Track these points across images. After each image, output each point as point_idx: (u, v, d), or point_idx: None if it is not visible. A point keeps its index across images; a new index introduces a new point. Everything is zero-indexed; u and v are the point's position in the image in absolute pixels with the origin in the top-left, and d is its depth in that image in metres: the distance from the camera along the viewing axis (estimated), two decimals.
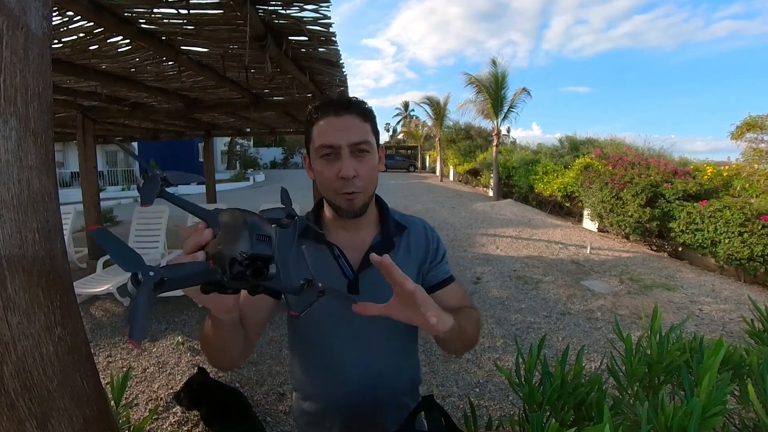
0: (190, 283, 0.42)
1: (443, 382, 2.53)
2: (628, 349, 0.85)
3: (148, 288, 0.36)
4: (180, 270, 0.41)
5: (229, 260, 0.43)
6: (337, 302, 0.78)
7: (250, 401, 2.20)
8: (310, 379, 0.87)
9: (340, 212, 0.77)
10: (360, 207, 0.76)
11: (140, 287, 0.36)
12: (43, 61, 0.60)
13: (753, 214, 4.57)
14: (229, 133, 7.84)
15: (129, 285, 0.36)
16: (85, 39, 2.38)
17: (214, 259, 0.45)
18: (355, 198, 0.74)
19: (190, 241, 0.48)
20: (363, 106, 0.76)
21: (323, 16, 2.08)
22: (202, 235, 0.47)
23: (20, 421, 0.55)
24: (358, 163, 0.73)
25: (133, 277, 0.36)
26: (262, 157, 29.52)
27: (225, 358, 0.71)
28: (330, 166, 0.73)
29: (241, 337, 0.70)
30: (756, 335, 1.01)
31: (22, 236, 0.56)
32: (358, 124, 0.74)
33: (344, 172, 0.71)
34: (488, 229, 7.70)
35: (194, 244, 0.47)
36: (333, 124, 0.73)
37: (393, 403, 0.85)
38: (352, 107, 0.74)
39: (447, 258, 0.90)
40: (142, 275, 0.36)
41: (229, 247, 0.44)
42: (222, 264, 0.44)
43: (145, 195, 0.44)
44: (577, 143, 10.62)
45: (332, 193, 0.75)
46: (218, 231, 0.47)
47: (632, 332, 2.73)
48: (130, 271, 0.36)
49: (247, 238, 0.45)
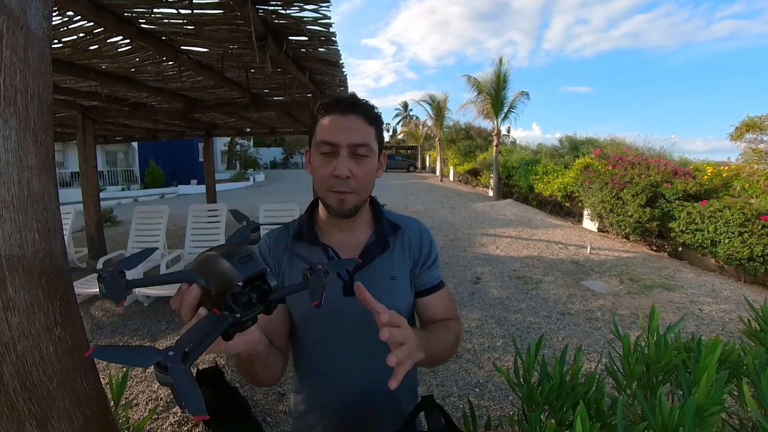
0: (212, 339, 0.41)
1: (443, 382, 2.53)
2: (626, 348, 0.85)
3: (176, 366, 0.36)
4: (194, 334, 0.40)
5: (231, 296, 0.42)
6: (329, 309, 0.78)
7: (249, 401, 2.21)
8: (307, 381, 0.87)
9: (330, 211, 0.77)
10: (350, 208, 0.75)
11: (171, 370, 0.35)
12: (43, 61, 0.61)
13: (753, 215, 4.57)
14: (229, 133, 7.84)
15: (159, 376, 0.36)
16: (85, 39, 2.38)
17: (216, 305, 0.44)
18: (346, 198, 0.74)
19: (184, 306, 0.47)
20: (370, 110, 0.76)
21: (323, 16, 2.08)
22: (191, 294, 0.46)
23: (20, 421, 0.55)
24: (355, 164, 0.73)
25: (158, 367, 0.35)
26: (262, 157, 29.53)
27: (269, 376, 0.72)
28: (327, 163, 0.73)
29: (276, 354, 0.72)
30: (753, 335, 1.01)
31: (22, 236, 0.56)
32: (361, 126, 0.74)
33: (338, 170, 0.71)
34: (488, 229, 7.70)
35: (189, 307, 0.46)
36: (337, 122, 0.73)
37: (390, 407, 0.85)
38: (359, 109, 0.74)
39: (439, 263, 0.89)
40: (163, 360, 0.36)
41: (221, 285, 0.43)
42: (226, 304, 0.43)
43: (115, 294, 0.41)
44: (577, 143, 10.62)
45: (324, 190, 0.75)
46: (202, 282, 0.46)
47: (632, 332, 2.73)
48: (149, 365, 0.36)
49: (232, 267, 0.43)
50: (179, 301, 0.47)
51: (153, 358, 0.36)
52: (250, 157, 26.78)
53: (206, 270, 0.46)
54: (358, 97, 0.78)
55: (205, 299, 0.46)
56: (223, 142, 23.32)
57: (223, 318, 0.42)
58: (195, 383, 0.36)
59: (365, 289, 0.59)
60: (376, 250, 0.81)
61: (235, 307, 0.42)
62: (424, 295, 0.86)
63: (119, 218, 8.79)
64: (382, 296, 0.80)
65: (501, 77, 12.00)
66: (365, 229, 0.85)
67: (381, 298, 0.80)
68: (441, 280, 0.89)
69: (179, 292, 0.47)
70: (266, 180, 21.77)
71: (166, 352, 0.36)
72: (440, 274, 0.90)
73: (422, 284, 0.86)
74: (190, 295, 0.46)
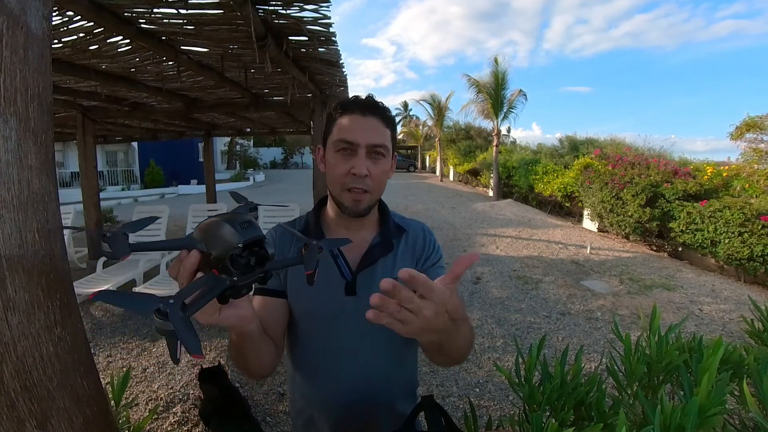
0: (209, 297, 0.42)
1: (443, 382, 2.53)
2: (627, 348, 0.85)
3: (176, 312, 0.37)
4: (193, 288, 0.41)
5: (229, 258, 0.43)
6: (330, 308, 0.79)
7: (249, 401, 2.21)
8: (304, 380, 0.87)
9: (343, 209, 0.78)
10: (365, 207, 0.77)
11: (171, 315, 0.37)
12: (43, 61, 0.60)
13: (753, 214, 4.57)
14: (229, 133, 7.84)
15: (157, 321, 0.37)
16: (85, 39, 2.37)
17: (216, 267, 0.45)
18: (362, 197, 0.76)
19: (182, 272, 0.47)
20: (388, 113, 0.79)
21: (323, 16, 2.08)
22: (190, 260, 0.46)
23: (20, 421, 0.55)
24: (372, 164, 0.75)
25: (157, 313, 0.37)
26: (262, 157, 29.54)
27: (261, 364, 0.71)
28: (344, 161, 0.75)
29: (269, 343, 0.72)
30: (756, 335, 1.01)
31: (22, 236, 0.56)
32: (380, 127, 0.76)
33: (357, 169, 0.73)
34: (488, 229, 7.70)
35: (188, 272, 0.47)
36: (357, 122, 0.75)
37: (387, 407, 0.85)
38: (378, 110, 0.77)
39: (443, 263, 0.89)
40: (164, 307, 0.37)
41: (221, 247, 0.44)
42: (225, 267, 0.44)
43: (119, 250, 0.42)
44: (577, 143, 10.62)
45: (339, 188, 0.77)
46: (202, 246, 0.46)
47: (632, 332, 2.73)
48: (150, 311, 0.37)
49: (233, 231, 0.45)
50: (178, 268, 0.47)
51: (153, 305, 0.37)
52: (250, 157, 26.79)
53: (208, 234, 0.47)
54: (375, 99, 0.80)
55: (204, 265, 0.47)
56: (223, 142, 23.33)
57: (221, 279, 0.43)
58: (193, 328, 0.37)
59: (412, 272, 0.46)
60: (380, 251, 0.82)
61: (234, 270, 0.43)
62: None
63: (119, 218, 8.78)
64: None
65: (500, 77, 12.00)
66: (371, 230, 0.86)
67: None
68: None
69: (178, 259, 0.48)
70: (266, 180, 21.78)
71: (166, 300, 0.38)
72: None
73: None
74: (189, 260, 0.46)
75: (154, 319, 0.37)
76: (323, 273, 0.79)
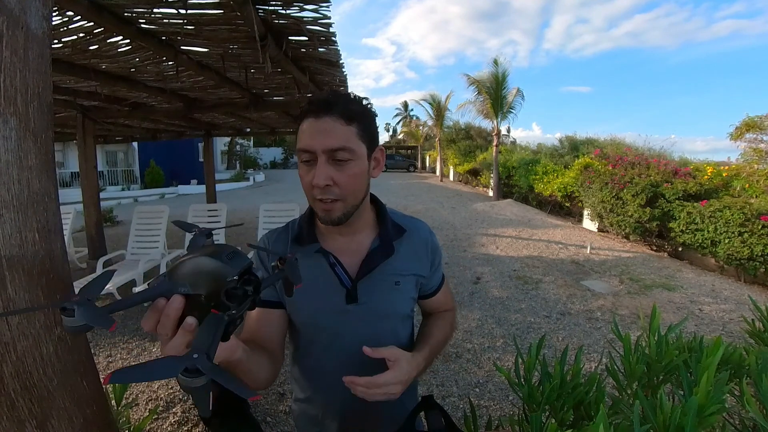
0: (218, 339, 0.40)
1: (443, 382, 2.53)
2: (626, 348, 0.85)
3: (207, 365, 0.36)
4: (204, 335, 0.39)
5: (225, 293, 0.41)
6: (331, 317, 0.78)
7: (249, 402, 2.21)
8: (307, 382, 0.87)
9: (319, 219, 0.75)
10: (339, 216, 0.71)
11: (205, 369, 0.35)
12: (43, 61, 0.60)
13: (753, 214, 4.57)
14: (229, 133, 7.84)
15: (187, 380, 0.35)
16: (85, 39, 2.38)
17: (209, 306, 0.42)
18: (332, 207, 0.69)
19: (164, 322, 0.42)
20: (348, 107, 0.68)
21: (323, 16, 2.08)
22: (174, 306, 0.42)
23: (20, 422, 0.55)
24: (336, 170, 0.67)
25: (186, 373, 0.35)
26: (262, 157, 29.53)
27: (255, 381, 0.67)
28: (308, 171, 0.69)
29: (261, 362, 0.68)
30: (756, 335, 1.01)
31: (22, 236, 0.56)
32: (338, 127, 0.66)
33: (315, 179, 0.66)
34: (488, 229, 7.70)
35: (173, 321, 0.42)
36: (312, 126, 0.67)
37: (390, 406, 0.85)
38: (334, 108, 0.67)
39: (441, 261, 0.92)
40: (191, 364, 0.35)
41: (213, 284, 0.42)
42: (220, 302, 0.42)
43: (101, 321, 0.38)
44: (577, 143, 10.61)
45: (311, 199, 0.72)
46: (186, 289, 0.43)
47: (632, 332, 2.73)
48: (176, 373, 0.35)
49: (222, 264, 0.42)
50: (156, 319, 0.42)
51: (179, 366, 0.35)
52: (250, 157, 26.78)
53: (192, 274, 0.43)
54: (336, 93, 0.70)
55: (191, 308, 0.43)
56: (223, 142, 23.32)
57: (221, 317, 0.41)
58: (230, 374, 0.36)
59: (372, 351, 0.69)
60: (380, 257, 0.78)
61: (230, 303, 0.42)
62: (428, 297, 0.90)
63: (119, 218, 8.79)
64: (384, 301, 0.80)
65: (500, 77, 12.00)
66: (368, 233, 0.81)
67: (383, 304, 0.80)
68: (442, 277, 0.92)
69: (154, 309, 0.43)
70: (266, 180, 21.77)
71: (190, 356, 0.36)
72: (442, 274, 0.92)
73: (426, 289, 0.89)
74: (172, 307, 0.42)
75: (181, 379, 0.35)
76: (321, 284, 0.77)
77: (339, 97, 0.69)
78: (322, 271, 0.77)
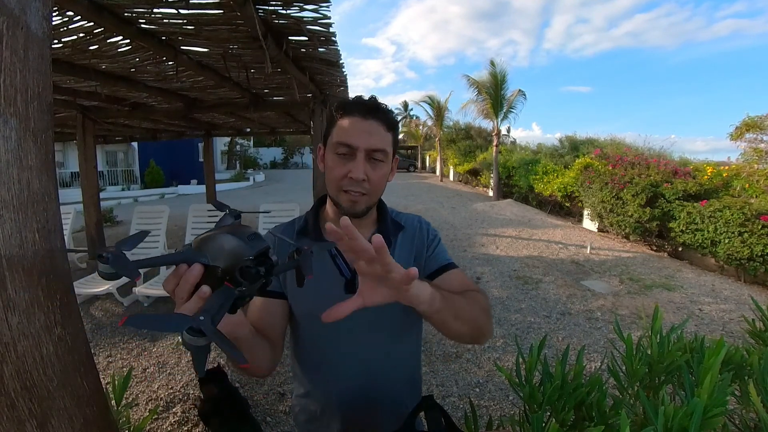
0: (225, 309, 0.43)
1: (443, 382, 2.52)
2: (628, 349, 0.84)
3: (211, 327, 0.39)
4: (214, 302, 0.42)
5: (239, 271, 0.45)
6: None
7: (249, 401, 2.21)
8: (307, 377, 0.87)
9: (340, 210, 0.78)
10: (362, 209, 0.77)
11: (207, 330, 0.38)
12: (43, 61, 0.60)
13: (753, 214, 4.57)
14: (229, 133, 7.84)
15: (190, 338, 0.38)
16: (85, 39, 2.37)
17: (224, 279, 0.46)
18: (359, 199, 0.75)
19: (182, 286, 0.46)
20: (389, 116, 0.77)
21: (323, 16, 2.08)
22: (192, 273, 0.46)
23: (20, 422, 0.55)
24: (370, 168, 0.74)
25: (190, 331, 0.38)
26: (262, 157, 29.55)
27: (257, 365, 0.70)
28: (342, 164, 0.74)
29: (264, 345, 0.71)
30: (757, 335, 1.01)
31: (22, 236, 0.56)
32: (381, 131, 0.74)
33: (354, 173, 0.72)
34: (488, 229, 7.70)
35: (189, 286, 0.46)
36: (357, 125, 0.73)
37: (390, 403, 0.85)
38: (380, 114, 0.75)
39: (444, 247, 0.89)
40: (196, 324, 0.38)
41: (231, 260, 0.46)
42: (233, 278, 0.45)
43: (128, 271, 0.42)
44: (577, 143, 10.61)
45: (336, 189, 0.76)
46: (206, 260, 0.46)
47: (632, 332, 2.73)
48: (182, 329, 0.38)
49: (242, 243, 0.46)
50: (175, 282, 0.47)
51: (185, 323, 0.38)
52: (250, 157, 26.78)
53: (213, 247, 0.47)
54: (377, 100, 0.78)
55: (207, 277, 0.47)
56: (223, 142, 23.32)
57: (231, 291, 0.44)
58: (230, 341, 0.39)
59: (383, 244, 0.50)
60: None
61: (243, 281, 0.45)
62: (435, 276, 0.82)
63: (119, 218, 8.79)
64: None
65: (499, 77, 12.00)
66: (369, 228, 0.86)
67: None
68: (451, 261, 0.86)
69: (176, 273, 0.47)
70: (266, 180, 21.77)
71: (197, 318, 0.39)
72: (449, 257, 0.87)
73: (431, 266, 0.84)
74: (191, 274, 0.46)
75: (185, 335, 0.38)
76: (322, 273, 0.79)
77: (381, 105, 0.77)
78: (323, 262, 0.80)
